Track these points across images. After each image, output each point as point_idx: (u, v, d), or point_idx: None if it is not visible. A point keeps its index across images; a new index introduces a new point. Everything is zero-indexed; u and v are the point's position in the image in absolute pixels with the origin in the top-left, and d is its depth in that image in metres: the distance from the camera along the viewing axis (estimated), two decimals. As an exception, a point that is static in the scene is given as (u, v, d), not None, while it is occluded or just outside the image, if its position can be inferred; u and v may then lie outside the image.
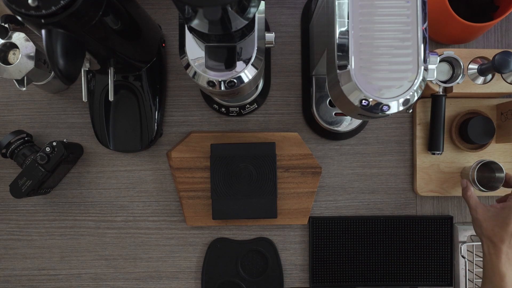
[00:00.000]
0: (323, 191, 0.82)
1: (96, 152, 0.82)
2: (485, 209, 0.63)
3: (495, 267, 0.60)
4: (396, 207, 0.83)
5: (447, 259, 0.81)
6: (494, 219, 0.61)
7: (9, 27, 0.69)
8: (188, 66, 0.53)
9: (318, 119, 0.78)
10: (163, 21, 0.81)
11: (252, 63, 0.53)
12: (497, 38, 0.84)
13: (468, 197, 0.68)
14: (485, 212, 0.63)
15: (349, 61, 0.49)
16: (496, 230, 0.61)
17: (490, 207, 0.64)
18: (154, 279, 0.82)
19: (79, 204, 0.82)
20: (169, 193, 0.82)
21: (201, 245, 0.82)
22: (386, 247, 0.81)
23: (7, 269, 0.82)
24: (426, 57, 0.49)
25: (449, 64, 0.75)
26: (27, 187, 0.71)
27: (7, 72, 0.69)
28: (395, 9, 0.49)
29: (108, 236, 0.82)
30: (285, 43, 0.82)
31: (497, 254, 0.60)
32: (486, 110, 0.80)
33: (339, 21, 0.50)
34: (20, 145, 0.74)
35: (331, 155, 0.82)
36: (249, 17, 0.48)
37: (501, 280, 0.60)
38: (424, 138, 0.80)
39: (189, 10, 0.43)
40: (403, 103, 0.49)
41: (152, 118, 0.77)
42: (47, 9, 0.46)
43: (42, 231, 0.82)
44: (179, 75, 0.82)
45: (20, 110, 0.82)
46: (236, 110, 0.80)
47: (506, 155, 0.81)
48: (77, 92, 0.81)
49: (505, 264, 0.60)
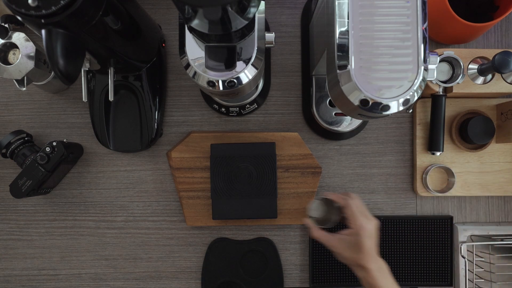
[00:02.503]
0: (323, 191, 0.82)
1: (96, 152, 0.82)
2: (339, 241, 0.64)
3: (373, 285, 0.61)
4: (396, 207, 0.83)
5: (447, 259, 0.81)
6: (349, 247, 0.63)
7: (9, 27, 0.69)
8: (188, 66, 0.53)
9: (318, 119, 0.78)
10: (163, 21, 0.81)
11: (252, 63, 0.53)
12: (497, 38, 0.84)
13: (316, 238, 0.68)
14: (340, 244, 0.64)
15: (349, 61, 0.49)
16: (355, 256, 0.62)
17: (341, 236, 0.64)
18: (154, 279, 0.82)
19: (79, 204, 0.82)
20: (169, 193, 0.82)
21: (201, 245, 0.82)
22: (386, 247, 0.81)
23: (7, 269, 0.82)
24: (426, 57, 0.49)
25: (449, 64, 0.75)
26: (27, 187, 0.71)
27: (7, 72, 0.69)
28: (395, 9, 0.49)
29: (108, 236, 0.82)
30: (285, 43, 0.82)
31: (370, 275, 0.61)
32: (486, 110, 0.80)
33: (339, 21, 0.50)
34: (20, 145, 0.74)
35: (331, 155, 0.82)
36: (249, 17, 0.48)
37: None
38: (424, 138, 0.80)
39: (189, 10, 0.43)
40: (403, 103, 0.49)
41: (152, 118, 0.77)
42: (47, 9, 0.46)
43: (42, 231, 0.82)
44: (179, 75, 0.82)
45: (20, 110, 0.82)
46: (236, 110, 0.80)
47: (506, 155, 0.81)
48: (77, 92, 0.81)
49: (380, 279, 0.61)
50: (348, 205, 0.65)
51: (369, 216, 0.65)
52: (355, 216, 0.63)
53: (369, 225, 0.63)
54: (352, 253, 0.63)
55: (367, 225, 0.63)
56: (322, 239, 0.67)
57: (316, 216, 0.71)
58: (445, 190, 0.80)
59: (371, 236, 0.63)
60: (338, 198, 0.68)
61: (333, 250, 0.65)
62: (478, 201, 0.83)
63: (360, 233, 0.62)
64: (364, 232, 0.62)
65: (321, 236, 0.67)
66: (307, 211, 0.70)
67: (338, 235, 0.65)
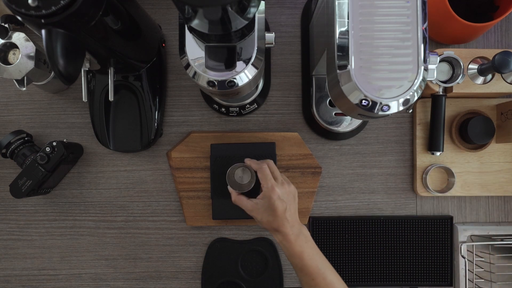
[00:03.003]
0: (323, 191, 0.82)
1: (96, 152, 0.82)
2: (254, 206, 0.64)
3: (291, 250, 0.61)
4: (396, 207, 0.83)
5: (447, 259, 0.81)
6: (264, 210, 0.62)
7: (9, 27, 0.69)
8: (188, 66, 0.53)
9: (318, 119, 0.78)
10: (163, 21, 0.81)
11: (252, 63, 0.53)
12: (497, 38, 0.84)
13: (234, 202, 0.67)
14: (256, 208, 0.63)
15: (349, 61, 0.49)
16: (270, 219, 0.62)
17: (256, 200, 0.64)
18: (154, 279, 0.82)
19: (79, 204, 0.82)
20: (169, 193, 0.82)
21: (201, 245, 0.82)
22: (386, 247, 0.81)
23: (7, 269, 0.82)
24: (426, 57, 0.49)
25: (449, 64, 0.75)
26: (27, 187, 0.71)
27: (7, 72, 0.69)
28: (395, 9, 0.49)
29: (108, 236, 0.82)
30: (285, 43, 0.82)
31: (285, 238, 0.61)
32: (486, 110, 0.80)
33: (339, 21, 0.50)
34: (20, 145, 0.74)
35: (331, 155, 0.82)
36: (249, 17, 0.48)
37: (301, 259, 0.60)
38: (424, 138, 0.80)
39: (189, 10, 0.43)
40: (403, 103, 0.49)
41: (152, 118, 0.77)
42: (47, 9, 0.46)
43: (42, 231, 0.82)
44: (179, 75, 0.82)
45: (20, 110, 0.82)
46: (236, 110, 0.80)
47: (506, 155, 0.81)
48: (77, 92, 0.81)
49: (296, 243, 0.61)
50: (260, 169, 0.65)
51: (283, 181, 0.64)
52: (266, 179, 0.63)
53: (281, 188, 0.63)
54: (266, 216, 0.62)
55: (277, 188, 0.62)
56: (239, 203, 0.66)
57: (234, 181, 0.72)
58: (445, 190, 0.80)
59: (284, 199, 0.62)
60: (252, 163, 0.68)
61: (251, 215, 0.65)
62: (478, 201, 0.83)
63: (271, 195, 0.61)
64: (274, 194, 0.61)
65: (237, 201, 0.67)
66: (226, 177, 0.71)
67: (253, 200, 0.64)
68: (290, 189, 0.65)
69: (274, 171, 0.66)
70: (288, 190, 0.64)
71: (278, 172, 0.66)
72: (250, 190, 0.76)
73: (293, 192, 0.65)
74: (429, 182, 0.80)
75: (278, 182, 0.64)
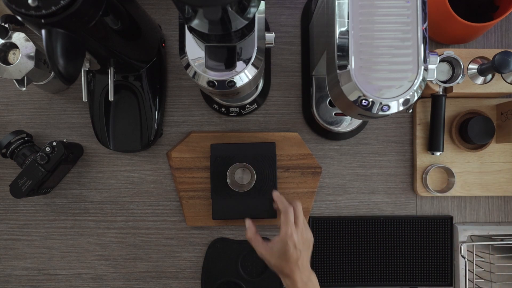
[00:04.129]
0: (323, 191, 0.82)
1: (96, 152, 0.82)
2: (269, 250, 0.63)
3: None
4: (396, 207, 0.83)
5: (447, 259, 0.81)
6: (278, 256, 0.62)
7: (9, 27, 0.69)
8: (188, 66, 0.53)
9: (318, 119, 0.78)
10: (163, 21, 0.81)
11: (252, 63, 0.53)
12: (497, 38, 0.84)
13: (250, 240, 0.66)
14: (268, 251, 0.63)
15: (349, 61, 0.49)
16: (283, 264, 0.62)
17: (270, 243, 0.64)
18: (154, 279, 0.82)
19: (79, 204, 0.82)
20: (169, 193, 0.82)
21: (201, 245, 0.82)
22: (386, 247, 0.81)
23: (7, 269, 0.82)
24: (426, 57, 0.49)
25: (449, 64, 0.75)
26: (27, 187, 0.71)
27: (7, 72, 0.69)
28: (395, 9, 0.49)
29: (108, 236, 0.82)
30: (285, 43, 0.82)
31: (294, 285, 0.61)
32: (486, 110, 0.80)
33: (339, 21, 0.50)
34: (20, 145, 0.74)
35: (331, 155, 0.82)
36: (249, 17, 0.48)
37: None
38: (424, 138, 0.80)
39: (189, 10, 0.43)
40: (403, 103, 0.49)
41: (152, 118, 0.77)
42: (47, 9, 0.46)
43: (42, 231, 0.82)
44: (179, 75, 0.82)
45: (20, 110, 0.82)
46: (236, 110, 0.80)
47: (506, 155, 0.81)
48: (77, 92, 0.81)
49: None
50: (285, 212, 0.64)
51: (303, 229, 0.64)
52: (287, 225, 0.62)
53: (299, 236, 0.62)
54: (279, 261, 0.62)
55: (295, 235, 0.61)
56: (253, 243, 0.65)
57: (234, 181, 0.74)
58: (445, 190, 0.80)
59: (299, 248, 0.61)
60: (279, 201, 0.67)
61: (262, 257, 0.64)
62: (478, 201, 0.83)
63: (288, 242, 0.61)
64: (291, 241, 0.61)
65: (253, 240, 0.65)
66: (228, 172, 0.72)
67: (269, 244, 0.64)
68: (308, 236, 0.64)
69: (299, 216, 0.65)
70: (305, 238, 0.63)
71: (301, 218, 0.65)
72: (250, 190, 0.76)
73: (309, 240, 0.64)
74: (429, 182, 0.80)
75: (298, 229, 0.63)
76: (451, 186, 0.79)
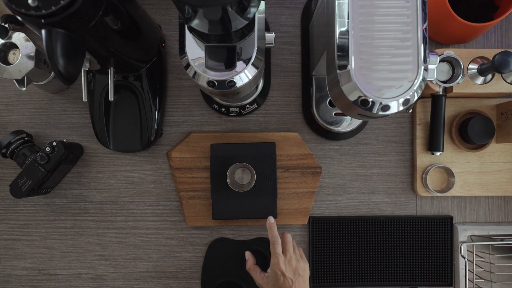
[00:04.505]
0: (323, 191, 0.82)
1: (96, 152, 0.82)
2: (264, 279, 0.68)
3: None
4: (396, 207, 0.83)
5: (447, 259, 0.81)
6: (272, 285, 0.67)
7: (9, 27, 0.69)
8: (188, 66, 0.53)
9: (318, 119, 0.78)
10: (163, 21, 0.81)
11: (252, 63, 0.53)
12: (497, 38, 0.84)
13: (249, 270, 0.72)
14: (264, 280, 0.68)
15: (349, 61, 0.49)
16: None
17: (266, 274, 0.68)
18: (154, 279, 0.82)
19: (79, 204, 0.82)
20: (169, 193, 0.82)
21: (201, 245, 0.82)
22: (386, 247, 0.81)
23: (7, 269, 0.82)
24: (426, 57, 0.49)
25: (449, 64, 0.75)
26: (27, 187, 0.71)
27: (7, 72, 0.69)
28: (395, 9, 0.49)
29: (108, 236, 0.82)
30: (285, 43, 0.82)
31: None
32: (486, 110, 0.80)
33: (339, 21, 0.50)
34: (20, 145, 0.74)
35: (331, 155, 0.82)
36: (249, 17, 0.48)
37: None
38: (424, 138, 0.80)
39: (189, 10, 0.43)
40: (403, 103, 0.49)
41: (152, 118, 0.77)
42: (47, 9, 0.46)
43: (42, 231, 0.82)
44: (179, 75, 0.82)
45: (20, 110, 0.82)
46: (236, 110, 0.80)
47: (506, 155, 0.81)
48: (77, 92, 0.81)
49: None
50: (272, 244, 0.68)
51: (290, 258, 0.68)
52: (274, 255, 0.67)
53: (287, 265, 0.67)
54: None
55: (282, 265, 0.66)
56: (252, 273, 0.71)
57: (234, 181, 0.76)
58: (445, 190, 0.80)
59: (290, 277, 0.66)
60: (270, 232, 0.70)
61: (259, 287, 0.69)
62: (478, 201, 0.83)
63: (276, 271, 0.66)
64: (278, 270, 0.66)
65: (251, 270, 0.71)
66: (228, 172, 0.74)
67: (265, 274, 0.69)
68: (298, 265, 0.68)
69: (286, 245, 0.69)
70: (294, 267, 0.67)
71: (289, 247, 0.69)
72: (250, 190, 0.76)
73: (301, 268, 0.68)
74: (429, 182, 0.80)
75: (286, 259, 0.68)
76: (451, 186, 0.79)
